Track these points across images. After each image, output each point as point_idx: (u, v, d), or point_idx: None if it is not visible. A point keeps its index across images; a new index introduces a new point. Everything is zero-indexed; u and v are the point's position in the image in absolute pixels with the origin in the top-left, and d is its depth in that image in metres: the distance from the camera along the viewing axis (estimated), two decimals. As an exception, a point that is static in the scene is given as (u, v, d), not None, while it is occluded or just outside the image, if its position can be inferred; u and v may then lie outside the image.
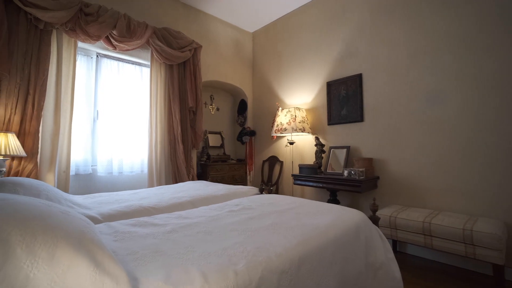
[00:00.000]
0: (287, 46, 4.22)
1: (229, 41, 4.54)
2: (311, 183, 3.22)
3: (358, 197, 3.20)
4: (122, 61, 3.40)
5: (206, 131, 4.56)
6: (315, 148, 3.52)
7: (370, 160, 2.98)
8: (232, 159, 4.75)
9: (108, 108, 3.26)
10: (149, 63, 3.47)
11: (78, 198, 2.12)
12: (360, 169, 2.78)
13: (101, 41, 2.95)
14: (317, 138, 3.46)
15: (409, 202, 2.76)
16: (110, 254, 0.76)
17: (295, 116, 3.53)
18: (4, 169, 2.20)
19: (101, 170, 3.16)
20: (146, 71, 3.55)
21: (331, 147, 3.41)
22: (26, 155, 2.42)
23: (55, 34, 2.71)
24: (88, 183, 3.10)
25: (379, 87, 3.06)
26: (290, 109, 3.63)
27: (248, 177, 4.70)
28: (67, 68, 2.81)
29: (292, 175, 3.48)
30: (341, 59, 3.45)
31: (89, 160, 3.13)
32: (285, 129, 3.58)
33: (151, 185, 3.40)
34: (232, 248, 1.05)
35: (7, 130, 2.39)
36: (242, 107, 4.89)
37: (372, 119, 3.11)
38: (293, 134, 3.74)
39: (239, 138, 4.80)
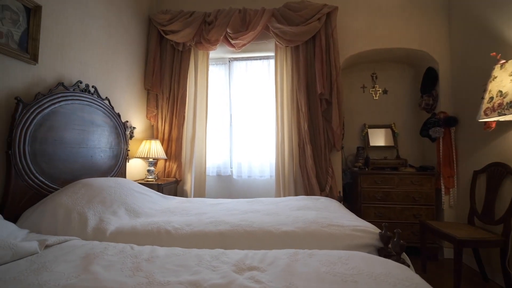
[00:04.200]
0: None
1: (395, -17, 2.93)
2: None
3: None
4: (250, 60, 3.25)
5: (364, 125, 3.26)
6: None
7: None
8: (410, 166, 3.01)
9: (239, 111, 3.24)
10: (274, 54, 3.03)
11: (167, 201, 2.14)
12: None
13: (224, 43, 2.96)
14: None
15: None
16: None
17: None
18: (153, 168, 2.77)
19: (234, 173, 3.18)
20: (273, 63, 3.13)
21: None
22: (166, 158, 2.93)
23: (192, 52, 3.09)
24: (228, 184, 3.24)
25: None
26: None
27: (445, 199, 2.74)
28: (202, 79, 3.10)
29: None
30: None
31: (227, 162, 3.26)
32: None
33: (278, 194, 2.91)
34: None
35: (162, 138, 3.03)
36: (429, 81, 2.98)
37: None
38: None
39: (424, 132, 2.95)
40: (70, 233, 1.39)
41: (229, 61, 3.30)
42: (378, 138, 3.24)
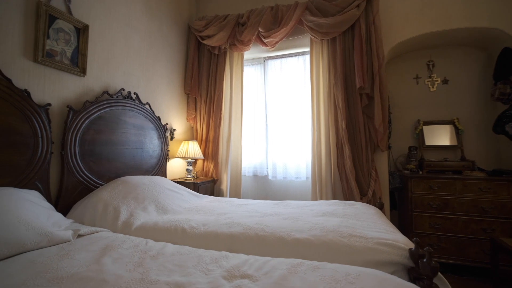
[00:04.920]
0: None
1: (455, -48, 2.46)
2: None
3: None
4: (284, 57, 3.15)
5: (418, 121, 2.83)
6: None
7: None
8: (479, 169, 2.49)
9: (274, 110, 3.18)
10: (309, 49, 2.87)
11: (198, 200, 2.22)
12: None
13: (257, 43, 2.94)
14: None
15: None
16: None
17: None
18: (191, 167, 2.93)
19: (270, 173, 3.14)
20: (309, 59, 2.96)
21: None
22: (204, 158, 3.05)
23: (227, 55, 3.16)
24: (265, 185, 3.21)
25: None
26: None
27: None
28: (237, 80, 3.14)
29: None
30: None
31: (264, 163, 3.24)
32: None
33: (314, 197, 2.75)
34: None
35: (201, 138, 3.17)
36: (505, 64, 2.41)
37: None
38: None
39: (499, 127, 2.41)
40: (105, 225, 1.56)
41: (264, 61, 3.27)
42: (436, 136, 2.77)
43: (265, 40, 2.83)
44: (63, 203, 1.73)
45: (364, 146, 2.53)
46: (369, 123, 2.54)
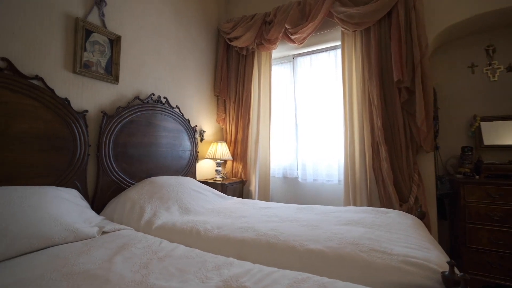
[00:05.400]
0: None
1: None
2: None
3: None
4: (314, 53, 2.98)
5: (474, 117, 2.43)
6: None
7: None
8: (558, 175, 2.02)
9: (304, 109, 3.04)
10: (340, 42, 2.68)
11: (223, 201, 2.23)
12: None
13: (285, 40, 2.85)
14: None
15: None
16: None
17: None
18: (220, 168, 2.97)
19: (300, 175, 3.02)
20: (340, 53, 2.76)
21: None
22: (232, 159, 3.06)
23: (256, 55, 3.12)
24: (295, 187, 3.10)
25: None
26: None
27: None
28: (265, 80, 3.09)
29: None
30: None
31: (294, 164, 3.13)
32: None
33: (347, 202, 2.55)
34: None
35: (230, 139, 3.20)
36: None
37: None
38: None
39: None
40: (130, 223, 1.65)
41: (293, 58, 3.15)
42: (498, 135, 2.33)
43: (293, 37, 2.72)
44: (99, 201, 1.89)
45: (404, 146, 2.25)
46: (410, 120, 2.26)
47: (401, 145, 2.26)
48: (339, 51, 2.80)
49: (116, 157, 2.01)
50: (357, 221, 1.49)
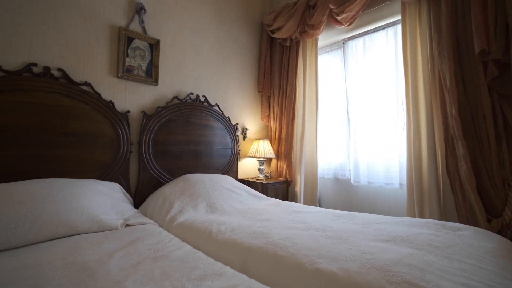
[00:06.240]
0: None
1: None
2: None
3: None
4: (368, 33, 2.52)
5: None
6: None
7: None
8: None
9: (357, 102, 2.62)
10: (400, 16, 2.19)
11: (257, 202, 2.09)
12: None
13: (331, 23, 2.52)
14: None
15: None
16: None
17: None
18: (263, 167, 2.85)
19: (352, 177, 2.62)
20: (400, 29, 2.25)
21: None
22: (275, 157, 2.89)
23: (300, 45, 2.88)
24: (348, 190, 2.72)
25: None
26: None
27: None
28: (311, 71, 2.81)
29: None
30: None
31: (346, 164, 2.75)
32: None
33: (411, 212, 2.06)
34: None
35: (274, 137, 3.04)
36: None
37: None
38: None
39: None
40: (158, 218, 1.69)
41: (343, 43, 2.76)
42: None
43: (339, 18, 2.38)
44: (140, 195, 2.02)
45: (494, 141, 1.65)
46: (502, 104, 1.64)
47: (489, 138, 1.67)
48: (399, 26, 2.29)
49: (155, 154, 2.12)
50: (404, 238, 1.13)
